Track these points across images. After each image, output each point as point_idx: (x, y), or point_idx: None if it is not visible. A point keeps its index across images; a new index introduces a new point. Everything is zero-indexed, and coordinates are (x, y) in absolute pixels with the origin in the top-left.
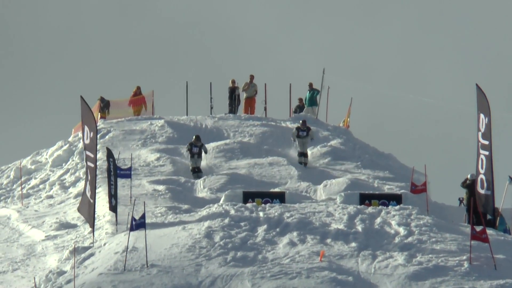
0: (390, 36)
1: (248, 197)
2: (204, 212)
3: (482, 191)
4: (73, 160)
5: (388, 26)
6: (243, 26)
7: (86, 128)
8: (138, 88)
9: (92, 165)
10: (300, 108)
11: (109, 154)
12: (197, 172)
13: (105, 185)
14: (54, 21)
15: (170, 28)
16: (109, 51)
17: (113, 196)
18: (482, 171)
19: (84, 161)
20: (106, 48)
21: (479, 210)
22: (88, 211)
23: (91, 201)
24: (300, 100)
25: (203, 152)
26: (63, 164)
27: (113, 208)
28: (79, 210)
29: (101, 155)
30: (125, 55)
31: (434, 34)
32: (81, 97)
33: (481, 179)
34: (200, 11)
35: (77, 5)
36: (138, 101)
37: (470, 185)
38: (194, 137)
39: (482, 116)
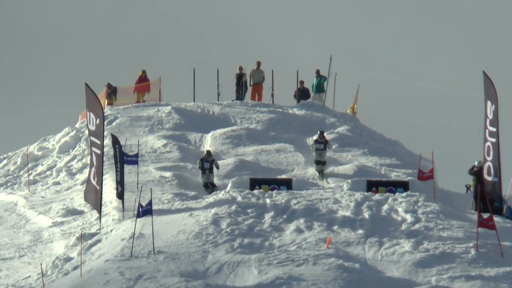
0: (396, 23)
1: (255, 183)
2: (211, 198)
3: (489, 178)
4: (80, 147)
5: (395, 13)
6: (251, 12)
7: (91, 114)
8: (144, 71)
9: (98, 151)
10: (301, 91)
11: (115, 141)
12: (210, 187)
13: (112, 172)
14: (61, 6)
15: (178, 15)
16: (117, 38)
17: (119, 183)
18: (489, 158)
19: (89, 147)
20: (113, 34)
21: (486, 197)
22: (94, 198)
23: (98, 187)
24: (301, 82)
25: (214, 167)
26: (70, 151)
27: (120, 194)
28: (85, 198)
29: (107, 142)
30: (133, 42)
31: (441, 20)
32: (86, 84)
33: (488, 166)
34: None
35: None
36: (142, 88)
37: (477, 172)
38: (205, 152)
39: (489, 103)
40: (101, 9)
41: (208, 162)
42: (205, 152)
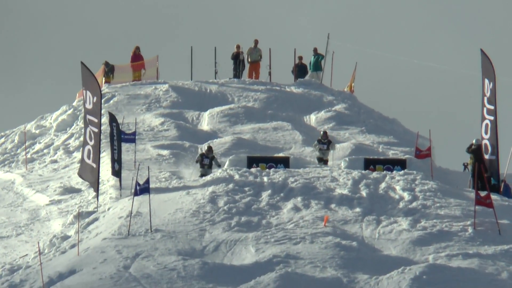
0: (394, 1)
1: (252, 162)
2: (208, 177)
3: (486, 156)
4: (77, 125)
5: None
6: None
7: (88, 93)
8: (137, 47)
9: (96, 129)
10: (299, 67)
11: (112, 119)
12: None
13: (109, 150)
14: None
15: None
16: (115, 16)
17: (116, 161)
18: (486, 136)
19: (84, 126)
20: (112, 13)
21: (484, 175)
22: (91, 176)
23: (94, 166)
24: (300, 58)
25: (214, 164)
26: (68, 129)
27: (116, 173)
28: (80, 175)
29: (104, 120)
30: (130, 20)
31: None
32: (82, 62)
33: (485, 144)
34: None
35: None
36: (138, 66)
37: (475, 150)
38: (206, 147)
39: (486, 81)
40: None
41: (208, 158)
42: (206, 147)
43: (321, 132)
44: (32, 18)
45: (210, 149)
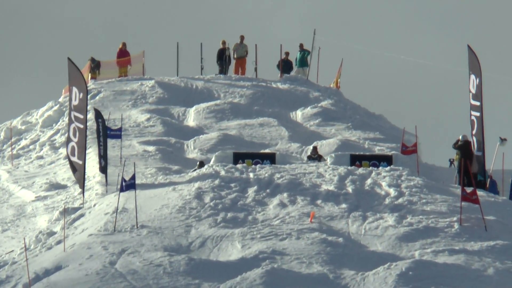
0: None
1: (238, 158)
2: (194, 173)
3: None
4: (63, 121)
5: None
6: None
7: (74, 89)
8: (124, 44)
9: (81, 126)
10: (285, 62)
11: (98, 115)
12: None
13: (95, 146)
14: None
15: None
16: (101, 11)
17: (102, 157)
18: (474, 132)
19: (68, 123)
20: (97, 8)
21: (470, 171)
22: (77, 172)
23: (80, 162)
24: (287, 53)
25: None
26: (53, 125)
27: (103, 169)
28: (73, 172)
29: (90, 116)
30: (116, 15)
31: None
32: (69, 58)
33: (473, 141)
34: None
35: None
36: (124, 62)
37: (461, 146)
38: (311, 147)
39: (473, 77)
40: None
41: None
42: (311, 147)
43: (311, 147)
44: (18, 14)
45: (315, 149)
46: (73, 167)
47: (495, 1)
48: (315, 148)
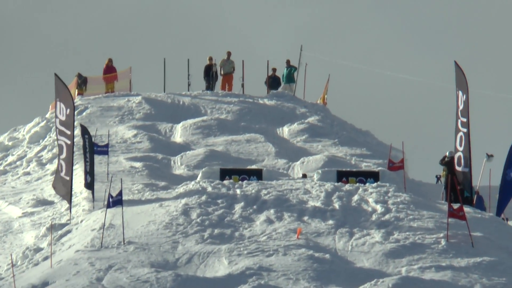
0: (367, 12)
1: (225, 174)
2: (181, 189)
3: (459, 169)
4: (50, 137)
5: (365, 2)
6: (221, 2)
7: (61, 105)
8: (110, 60)
9: (68, 141)
10: (273, 79)
11: (84, 131)
12: None
13: (82, 162)
14: None
15: (148, 5)
16: (87, 28)
17: (88, 173)
18: (460, 149)
19: (56, 138)
20: (84, 24)
21: (457, 188)
22: (64, 188)
23: (67, 178)
24: (274, 70)
25: None
26: (40, 141)
27: (89, 185)
28: (53, 186)
29: (76, 132)
30: (103, 32)
31: (412, 11)
32: (55, 74)
33: (459, 157)
34: None
35: None
36: (110, 78)
37: (448, 163)
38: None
39: (460, 93)
40: None
41: None
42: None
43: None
44: (4, 29)
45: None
46: (59, 182)
47: (481, 17)
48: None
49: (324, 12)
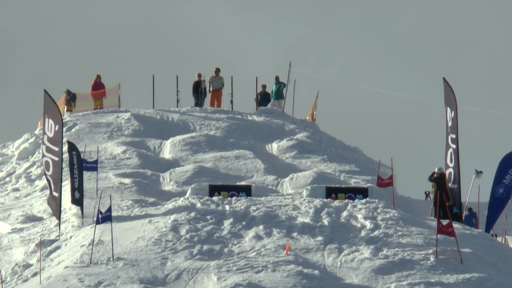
0: (355, 29)
1: (214, 190)
2: (170, 205)
3: (449, 185)
4: (39, 153)
5: (354, 19)
6: (210, 19)
7: (50, 121)
8: (98, 76)
9: (56, 158)
10: (262, 95)
11: (72, 148)
12: None
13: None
14: (18, 11)
15: (137, 21)
16: (76, 44)
17: (76, 189)
18: (451, 165)
19: (42, 155)
20: (73, 41)
21: (446, 204)
22: (53, 204)
23: (55, 194)
24: (264, 86)
25: None
26: (29, 157)
27: (76, 201)
28: (48, 204)
29: (64, 149)
30: (92, 48)
31: (401, 28)
32: (45, 90)
33: (450, 173)
34: (166, 5)
35: None
36: (99, 95)
37: (437, 179)
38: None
39: (448, 109)
40: (60, 15)
41: None
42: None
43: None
44: None
45: None
46: (50, 198)
47: (470, 33)
48: None
49: (313, 29)
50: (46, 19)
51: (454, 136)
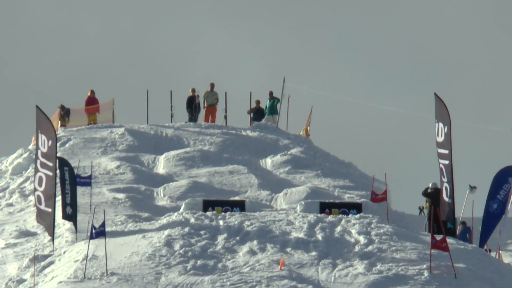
0: (349, 45)
1: (208, 205)
2: (164, 220)
3: (446, 199)
4: (33, 168)
5: (346, 34)
6: (203, 34)
7: (43, 136)
8: (92, 91)
9: (50, 173)
10: (256, 110)
11: (63, 163)
12: None
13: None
14: (11, 26)
15: (130, 36)
16: (70, 59)
17: (68, 205)
18: (445, 180)
19: (35, 170)
20: (67, 55)
21: (440, 219)
22: (46, 220)
23: (49, 210)
24: (258, 102)
25: None
26: (23, 172)
27: (68, 216)
28: (37, 220)
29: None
30: (86, 64)
31: (393, 42)
32: (37, 106)
33: (446, 188)
34: (161, 20)
35: (34, 10)
36: (92, 110)
37: (431, 194)
38: None
39: (440, 125)
40: (54, 29)
41: None
42: None
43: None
44: None
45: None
46: (40, 215)
47: (463, 48)
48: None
49: (307, 44)
50: (40, 33)
51: (447, 151)
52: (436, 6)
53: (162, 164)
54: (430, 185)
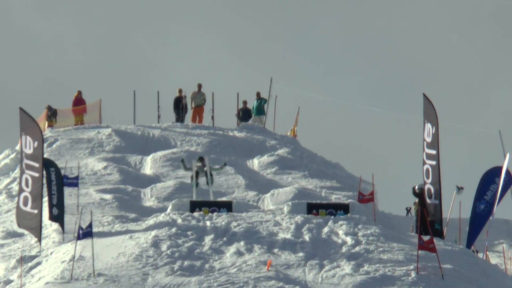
0: (336, 46)
1: (195, 206)
2: (151, 221)
3: (429, 201)
4: (20, 169)
5: (333, 35)
6: (191, 35)
7: (28, 138)
8: (79, 92)
9: (37, 174)
10: (243, 111)
11: (48, 164)
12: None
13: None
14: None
15: (117, 37)
16: (57, 59)
17: (55, 206)
18: (428, 181)
19: (20, 173)
20: (54, 56)
21: (427, 220)
22: (31, 222)
23: (35, 211)
24: (245, 102)
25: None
26: (10, 173)
27: (55, 217)
28: (18, 224)
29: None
30: (73, 64)
31: (380, 44)
32: (20, 108)
33: (428, 189)
34: (148, 21)
35: (22, 10)
36: (79, 111)
37: (419, 194)
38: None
39: (429, 125)
40: (40, 31)
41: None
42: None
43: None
44: None
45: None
46: (24, 217)
47: (451, 49)
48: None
49: (294, 45)
50: (25, 34)
51: (434, 152)
52: (423, 8)
53: (149, 165)
54: (416, 186)
